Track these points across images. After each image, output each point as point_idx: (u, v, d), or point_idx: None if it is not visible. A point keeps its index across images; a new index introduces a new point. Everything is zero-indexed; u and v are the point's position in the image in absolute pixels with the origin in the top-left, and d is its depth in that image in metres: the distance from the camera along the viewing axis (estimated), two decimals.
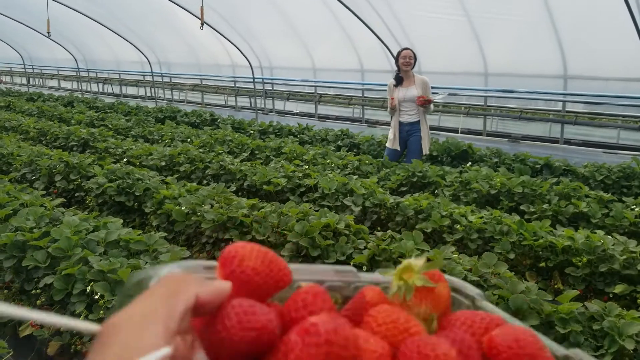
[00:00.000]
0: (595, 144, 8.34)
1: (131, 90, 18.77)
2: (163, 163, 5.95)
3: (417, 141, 6.10)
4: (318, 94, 11.82)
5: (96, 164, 5.38)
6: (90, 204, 4.77)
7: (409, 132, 6.11)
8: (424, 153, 6.07)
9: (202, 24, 6.66)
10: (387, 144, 6.28)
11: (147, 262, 2.74)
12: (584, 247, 3.20)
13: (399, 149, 6.11)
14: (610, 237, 3.32)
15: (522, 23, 7.37)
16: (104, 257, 2.77)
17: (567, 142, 8.35)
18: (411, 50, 6.02)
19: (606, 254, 3.15)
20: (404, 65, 5.95)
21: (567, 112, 8.12)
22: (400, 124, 6.10)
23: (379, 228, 4.21)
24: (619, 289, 2.99)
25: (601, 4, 6.42)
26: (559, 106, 8.19)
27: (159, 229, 4.07)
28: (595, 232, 3.38)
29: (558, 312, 2.28)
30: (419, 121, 6.08)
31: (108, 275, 2.58)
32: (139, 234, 3.16)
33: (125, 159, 6.27)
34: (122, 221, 3.49)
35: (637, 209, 4.08)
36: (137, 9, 12.88)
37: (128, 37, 14.61)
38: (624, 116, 8.15)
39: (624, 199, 4.43)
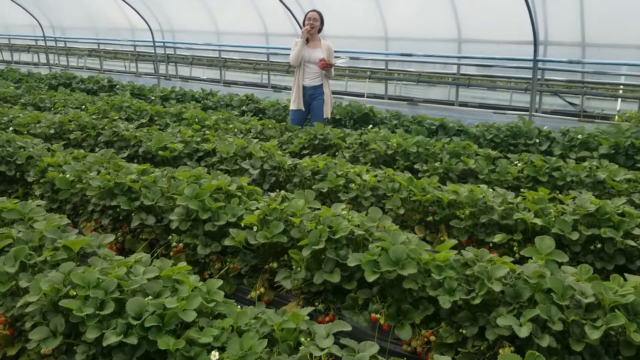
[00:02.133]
0: (490, 106, 8.75)
1: (24, 58, 17.44)
2: (52, 131, 5.60)
3: (320, 105, 6.13)
4: (223, 58, 11.49)
5: None
6: None
7: (311, 96, 6.13)
8: (325, 117, 6.11)
9: None
10: (290, 106, 6.26)
11: (20, 232, 2.56)
12: (467, 200, 3.36)
13: (303, 109, 6.12)
14: (491, 190, 3.50)
15: None
16: None
17: (464, 104, 8.69)
18: (317, 12, 5.97)
19: (487, 206, 3.32)
20: (311, 29, 5.92)
21: (462, 75, 8.42)
22: (304, 87, 6.09)
23: (277, 190, 4.20)
24: (497, 238, 3.16)
25: None
26: (454, 69, 8.48)
27: (42, 198, 3.84)
28: (479, 187, 3.54)
29: (435, 260, 2.37)
30: (321, 85, 6.10)
31: None
32: (15, 203, 2.95)
33: (11, 128, 5.83)
34: None
35: (519, 164, 4.32)
36: None
37: None
38: (515, 78, 8.58)
39: (509, 155, 4.67)
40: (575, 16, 6.39)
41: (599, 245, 2.94)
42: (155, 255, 3.22)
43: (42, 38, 14.70)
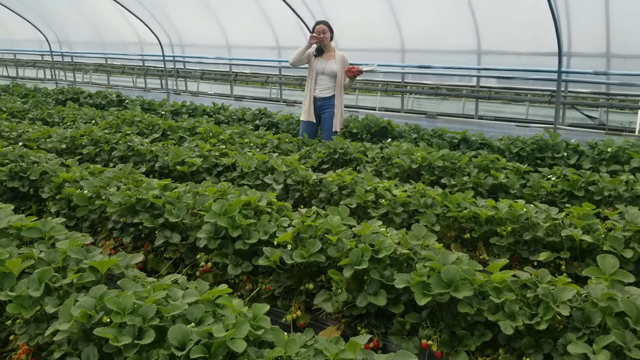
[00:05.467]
0: (506, 119, 8.57)
1: (29, 73, 17.37)
2: (64, 146, 5.45)
3: (329, 118, 6.04)
4: (233, 72, 11.38)
5: None
6: None
7: (321, 107, 6.05)
8: (334, 130, 5.98)
9: None
10: (301, 117, 6.15)
11: (41, 251, 2.40)
12: (508, 216, 3.19)
13: (314, 121, 6.02)
14: (532, 205, 3.33)
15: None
16: None
17: (481, 118, 8.52)
18: (325, 24, 5.86)
19: (529, 222, 3.15)
20: (319, 40, 5.83)
21: (481, 87, 8.26)
22: (314, 98, 6.01)
23: (302, 206, 4.05)
24: (543, 256, 2.99)
25: None
26: (474, 82, 8.33)
27: (58, 215, 3.67)
28: (516, 202, 3.37)
29: (490, 281, 2.20)
30: (332, 96, 6.00)
31: None
32: (33, 221, 2.79)
33: (21, 143, 5.69)
34: (13, 207, 3.09)
35: (553, 179, 4.16)
36: None
37: (23, 13, 13.40)
38: (536, 91, 8.37)
39: (539, 169, 4.51)
40: (600, 26, 6.23)
41: None
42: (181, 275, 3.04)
43: (49, 53, 14.62)
